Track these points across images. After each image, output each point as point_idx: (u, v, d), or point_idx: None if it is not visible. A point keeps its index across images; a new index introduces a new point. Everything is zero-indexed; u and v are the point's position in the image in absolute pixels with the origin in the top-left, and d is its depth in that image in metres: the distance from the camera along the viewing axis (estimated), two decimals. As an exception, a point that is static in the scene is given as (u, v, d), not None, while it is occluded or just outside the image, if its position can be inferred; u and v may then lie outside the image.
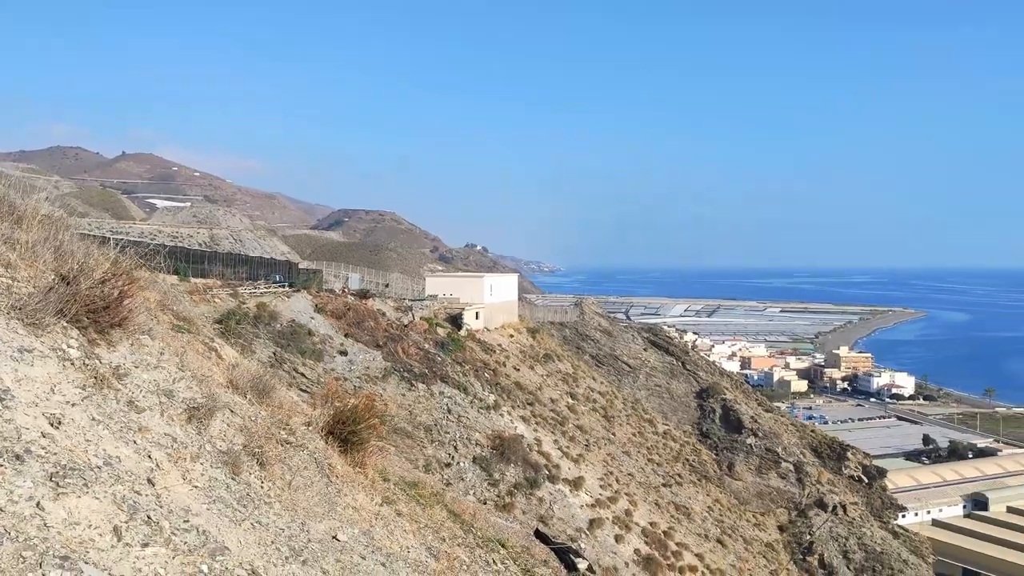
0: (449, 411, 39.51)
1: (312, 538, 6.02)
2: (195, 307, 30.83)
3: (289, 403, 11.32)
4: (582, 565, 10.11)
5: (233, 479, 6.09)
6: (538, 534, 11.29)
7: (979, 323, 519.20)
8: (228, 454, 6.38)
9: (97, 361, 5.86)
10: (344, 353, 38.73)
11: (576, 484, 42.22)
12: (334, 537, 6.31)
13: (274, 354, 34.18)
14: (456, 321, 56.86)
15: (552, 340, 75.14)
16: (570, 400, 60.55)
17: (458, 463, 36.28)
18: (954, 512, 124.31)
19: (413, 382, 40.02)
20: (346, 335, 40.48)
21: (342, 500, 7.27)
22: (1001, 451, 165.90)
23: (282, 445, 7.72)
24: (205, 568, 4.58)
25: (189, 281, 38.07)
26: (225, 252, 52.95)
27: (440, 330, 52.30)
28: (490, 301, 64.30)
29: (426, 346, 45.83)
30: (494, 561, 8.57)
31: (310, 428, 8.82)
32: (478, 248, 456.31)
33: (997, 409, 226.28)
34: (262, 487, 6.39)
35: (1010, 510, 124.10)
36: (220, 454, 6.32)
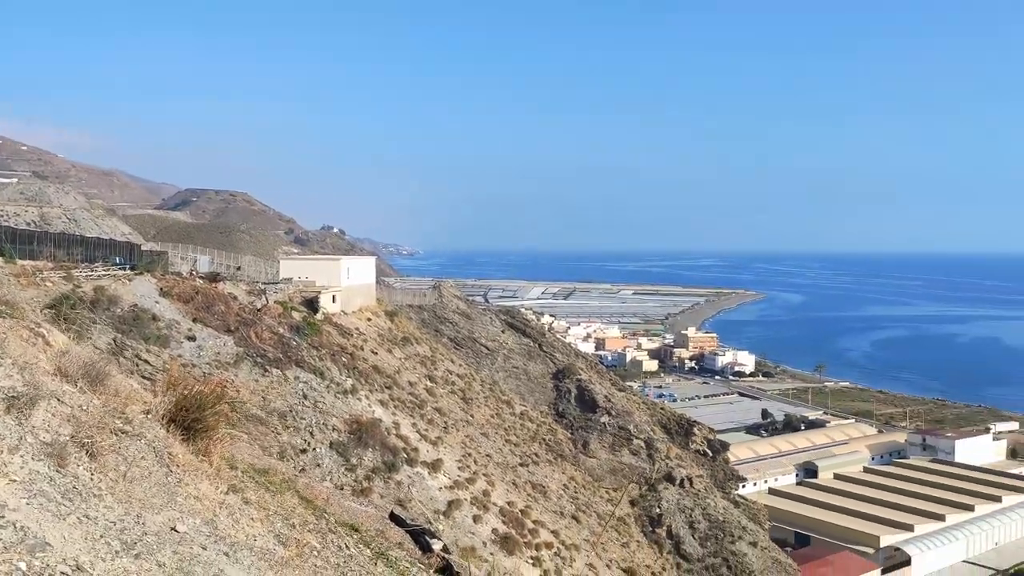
0: (305, 396, 38.63)
1: (148, 530, 5.70)
2: (22, 291, 28.70)
3: (128, 391, 10.68)
4: (437, 545, 10.10)
5: (58, 472, 5.68)
6: (393, 517, 11.21)
7: (811, 304, 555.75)
8: (53, 445, 5.93)
9: None
10: (192, 339, 37.10)
11: (434, 467, 42.29)
12: (172, 528, 6.00)
13: (114, 340, 32.31)
14: (312, 305, 55.58)
15: (410, 323, 74.77)
16: (428, 383, 60.51)
17: (314, 449, 35.56)
18: (788, 480, 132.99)
19: (267, 367, 38.85)
20: (195, 320, 38.78)
21: (183, 490, 6.93)
22: (829, 422, 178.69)
23: (117, 435, 7.27)
24: (23, 566, 4.24)
25: (16, 263, 35.34)
26: (58, 232, 49.46)
27: (295, 314, 50.97)
28: (347, 284, 63.22)
29: (280, 330, 44.56)
30: (347, 546, 8.42)
31: (149, 416, 8.35)
32: (335, 230, 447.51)
33: (826, 384, 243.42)
34: (92, 479, 5.99)
35: (836, 476, 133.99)
36: (43, 446, 5.88)
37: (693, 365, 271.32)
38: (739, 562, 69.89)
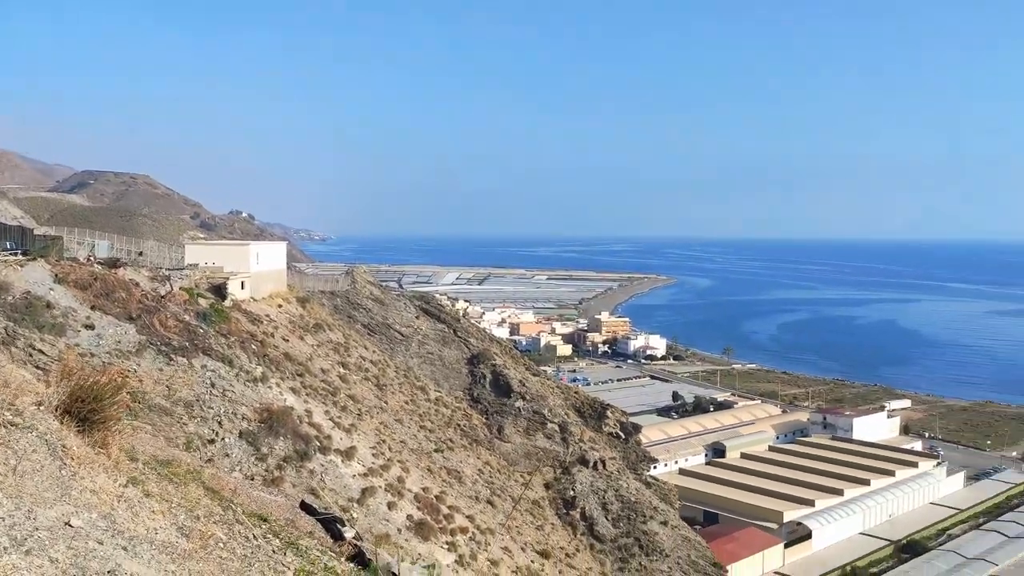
0: (213, 385, 37.62)
1: (39, 525, 5.43)
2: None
3: (19, 381, 10.20)
4: (349, 533, 9.97)
5: (-60, 467, 5.35)
6: (304, 506, 11.01)
7: (720, 288, 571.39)
8: (-67, 439, 5.59)
9: None
10: (91, 327, 35.64)
11: (348, 454, 41.84)
12: (66, 523, 5.73)
13: (5, 329, 30.78)
14: (220, 291, 54.09)
15: (323, 310, 73.61)
16: (342, 370, 59.74)
17: (223, 439, 34.69)
18: (697, 460, 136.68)
19: (172, 356, 37.65)
20: (93, 307, 37.25)
21: (78, 483, 6.64)
22: (737, 404, 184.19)
23: (6, 427, 6.93)
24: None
25: (-103, 248, 33.29)
26: (-56, 216, 46.74)
27: (202, 301, 49.54)
28: (257, 270, 61.75)
29: (186, 318, 43.22)
30: (254, 536, 8.23)
31: (42, 408, 7.97)
32: (244, 215, 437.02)
33: (734, 366, 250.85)
34: (-23, 474, 5.67)
35: (743, 456, 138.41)
36: (-77, 439, 5.53)
37: (606, 349, 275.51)
38: (650, 541, 71.56)
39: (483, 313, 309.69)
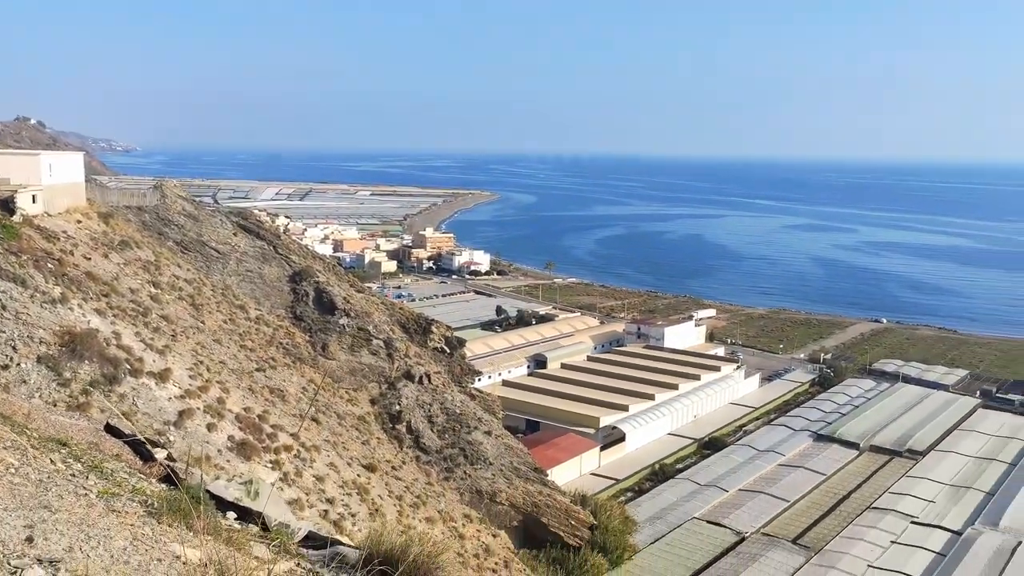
0: (4, 308, 34.59)
1: None
2: None
3: None
4: (160, 454, 9.52)
5: None
6: (109, 428, 10.38)
7: (543, 204, 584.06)
8: None
9: None
10: None
11: (163, 376, 39.98)
12: None
13: None
14: (7, 206, 49.29)
15: (129, 226, 68.87)
16: (153, 289, 56.50)
17: (18, 364, 32.15)
18: (520, 372, 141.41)
19: (-47, 277, 34.17)
20: None
21: None
22: (558, 316, 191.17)
23: None
24: None
25: None
26: None
27: (-14, 216, 45.02)
28: (50, 183, 56.64)
29: (-32, 235, 39.19)
30: (53, 461, 7.67)
31: None
32: (33, 122, 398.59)
33: (555, 280, 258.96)
34: None
35: (563, 366, 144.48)
36: None
37: (431, 265, 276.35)
38: (475, 450, 73.83)
39: (305, 230, 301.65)
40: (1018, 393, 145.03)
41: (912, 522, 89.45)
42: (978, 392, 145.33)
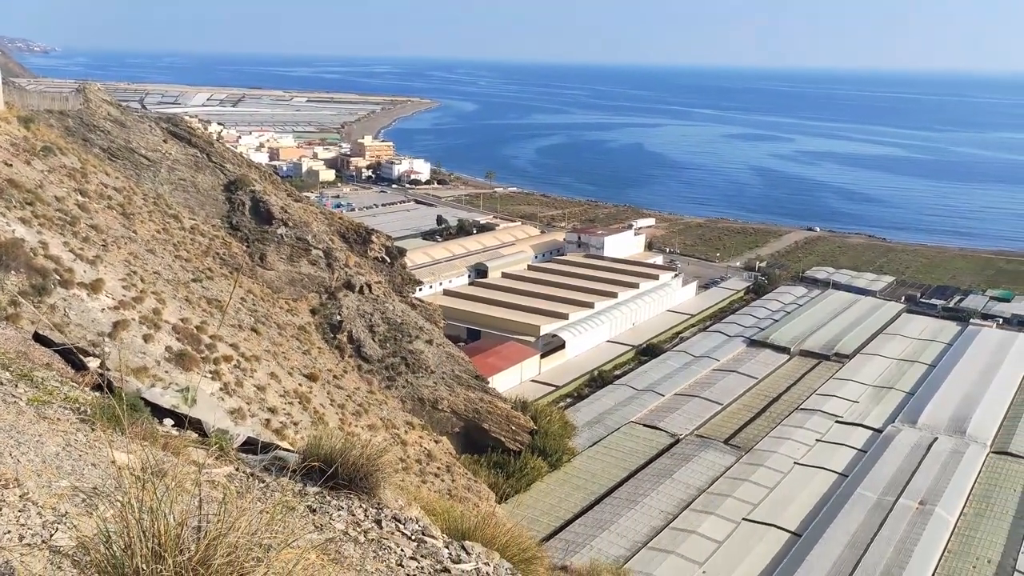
0: (-80, 217, 33.13)
1: None
2: None
3: None
4: (93, 363, 9.37)
5: None
6: (38, 337, 10.16)
7: (483, 112, 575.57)
8: None
9: None
10: None
11: (94, 287, 39.06)
12: None
13: None
14: (-83, 109, 46.64)
15: (52, 131, 65.91)
16: (80, 198, 54.59)
17: (-60, 276, 31.04)
18: (461, 281, 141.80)
19: None
20: None
21: None
22: (498, 226, 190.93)
23: None
24: None
25: None
26: None
27: None
28: (-37, 85, 53.66)
29: None
30: (-21, 371, 7.50)
31: None
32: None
33: (496, 189, 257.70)
34: None
35: (504, 275, 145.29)
36: None
37: (370, 174, 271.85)
38: (416, 359, 74.44)
39: (239, 137, 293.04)
40: (940, 298, 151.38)
41: (837, 421, 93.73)
42: (903, 297, 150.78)
